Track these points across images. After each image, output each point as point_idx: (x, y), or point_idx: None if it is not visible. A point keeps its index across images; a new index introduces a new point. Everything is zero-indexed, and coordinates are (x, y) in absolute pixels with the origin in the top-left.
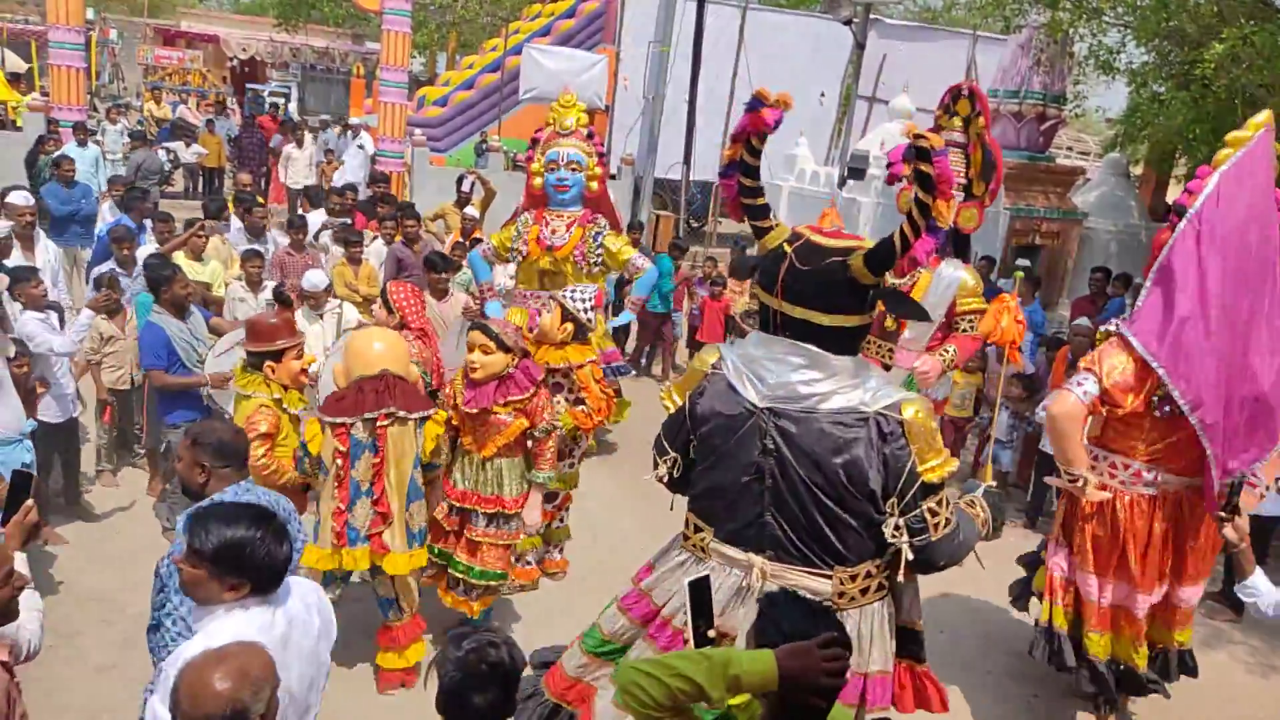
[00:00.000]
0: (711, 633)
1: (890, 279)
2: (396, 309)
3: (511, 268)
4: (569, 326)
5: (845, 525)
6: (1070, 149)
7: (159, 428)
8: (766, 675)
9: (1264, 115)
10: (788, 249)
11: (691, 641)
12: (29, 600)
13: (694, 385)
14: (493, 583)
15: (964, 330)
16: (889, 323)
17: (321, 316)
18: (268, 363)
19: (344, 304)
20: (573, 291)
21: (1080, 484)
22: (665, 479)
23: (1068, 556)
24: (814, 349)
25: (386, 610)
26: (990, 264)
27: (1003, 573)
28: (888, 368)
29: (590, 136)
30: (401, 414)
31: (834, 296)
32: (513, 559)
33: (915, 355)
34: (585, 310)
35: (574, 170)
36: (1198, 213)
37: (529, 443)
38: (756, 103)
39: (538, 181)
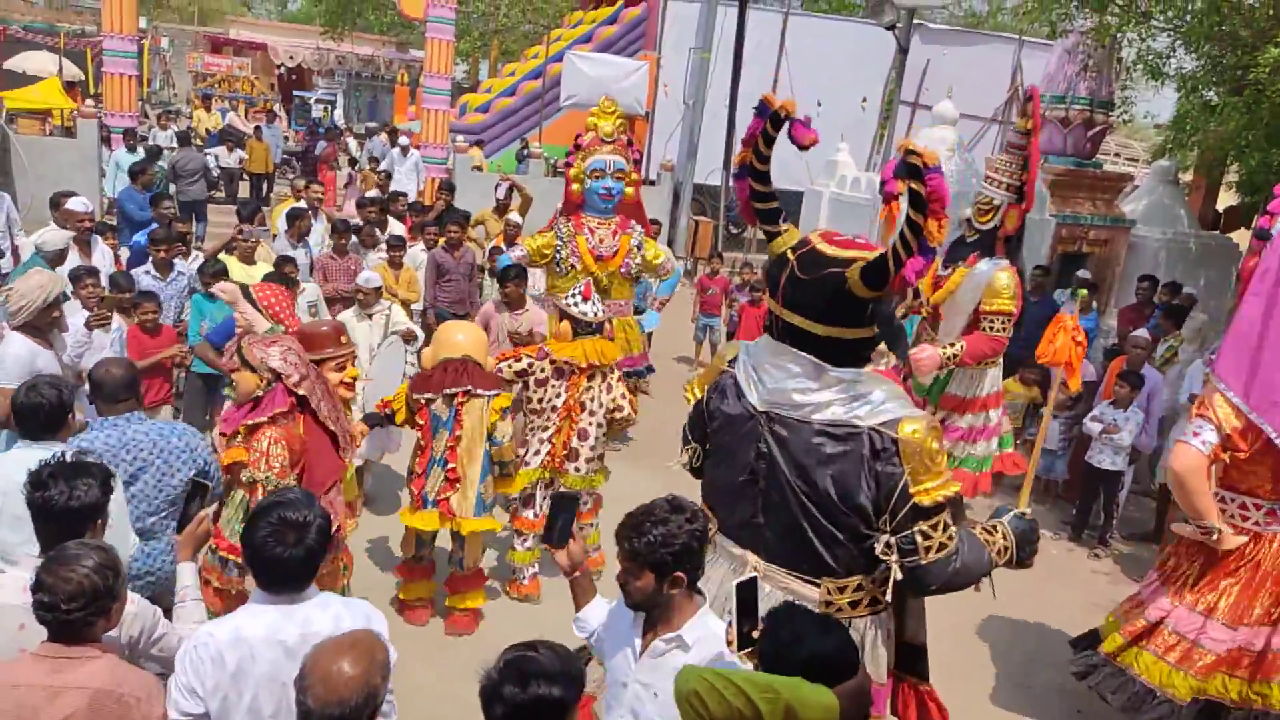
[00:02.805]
0: (755, 633)
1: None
2: (267, 311)
3: (540, 274)
4: (566, 325)
5: (831, 538)
6: (1118, 155)
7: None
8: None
9: None
10: (790, 256)
11: (735, 642)
12: (196, 611)
13: (712, 380)
14: None
15: (991, 330)
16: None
17: (370, 317)
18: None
19: (393, 306)
20: (567, 298)
21: (1214, 536)
22: (687, 467)
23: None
24: (811, 358)
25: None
26: (1045, 273)
27: (1044, 590)
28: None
29: (630, 144)
30: (478, 391)
31: (831, 307)
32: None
33: (936, 358)
34: (574, 305)
35: (618, 179)
36: None
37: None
38: (764, 107)
39: (577, 188)
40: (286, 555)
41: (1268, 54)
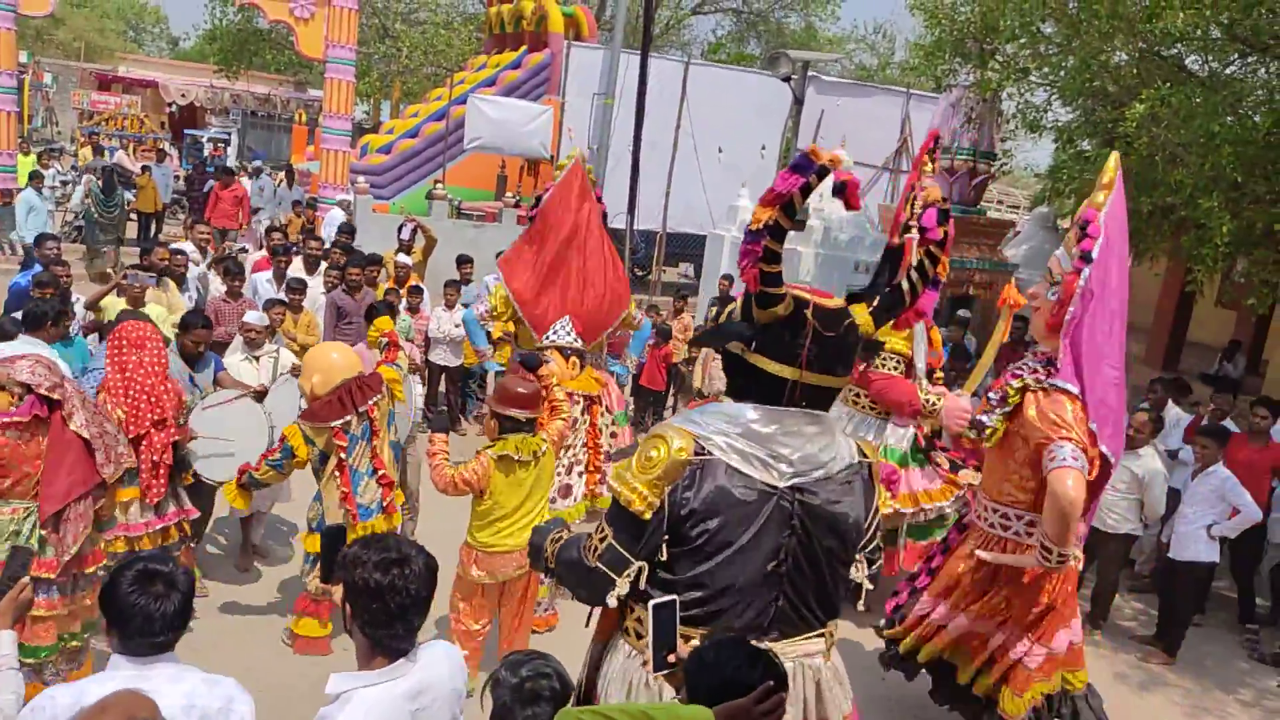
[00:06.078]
0: (672, 657)
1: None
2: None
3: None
4: (575, 360)
5: (842, 578)
6: (1000, 203)
7: None
8: None
9: (1114, 158)
10: (809, 317)
11: (650, 664)
12: (12, 681)
13: (675, 480)
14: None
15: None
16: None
17: (258, 359)
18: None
19: (281, 349)
20: (553, 333)
21: (1070, 562)
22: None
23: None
24: (823, 414)
25: None
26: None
27: None
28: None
29: (598, 199)
30: (382, 399)
31: (851, 358)
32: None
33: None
34: (572, 338)
35: None
36: (1099, 259)
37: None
38: (806, 162)
39: None
40: (148, 605)
41: (1134, 109)
